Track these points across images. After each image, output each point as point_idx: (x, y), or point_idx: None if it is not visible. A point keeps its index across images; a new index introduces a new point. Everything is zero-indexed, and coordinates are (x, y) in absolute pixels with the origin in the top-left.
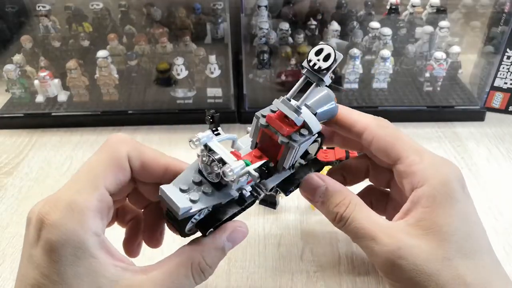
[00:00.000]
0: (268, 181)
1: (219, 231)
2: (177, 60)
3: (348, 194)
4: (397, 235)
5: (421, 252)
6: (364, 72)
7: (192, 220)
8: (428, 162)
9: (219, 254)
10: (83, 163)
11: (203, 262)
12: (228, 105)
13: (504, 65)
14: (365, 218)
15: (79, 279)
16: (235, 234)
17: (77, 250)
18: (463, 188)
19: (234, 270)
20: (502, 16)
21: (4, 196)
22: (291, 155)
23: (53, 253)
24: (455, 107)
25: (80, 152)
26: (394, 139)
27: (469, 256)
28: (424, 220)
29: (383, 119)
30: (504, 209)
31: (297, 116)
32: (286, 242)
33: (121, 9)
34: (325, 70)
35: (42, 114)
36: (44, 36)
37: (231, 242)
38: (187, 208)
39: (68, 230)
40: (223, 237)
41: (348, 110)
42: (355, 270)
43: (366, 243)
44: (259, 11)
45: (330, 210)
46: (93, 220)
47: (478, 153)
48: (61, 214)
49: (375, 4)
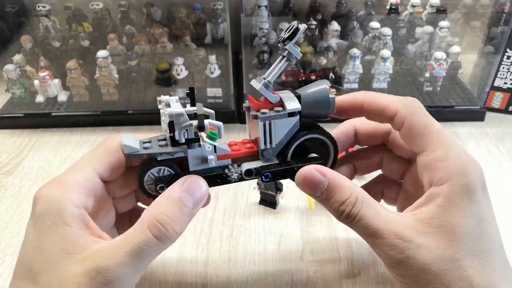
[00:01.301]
0: (245, 164)
1: (173, 184)
2: (177, 60)
3: (354, 190)
4: (406, 233)
5: (429, 252)
6: (364, 72)
7: (149, 174)
8: (453, 160)
9: (175, 203)
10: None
11: (157, 212)
12: (228, 105)
13: (504, 65)
14: (374, 215)
15: (53, 244)
16: (189, 183)
17: (55, 217)
18: (483, 189)
19: (234, 270)
20: (502, 16)
21: (4, 196)
22: (262, 131)
23: (37, 221)
24: (455, 107)
25: (80, 152)
26: (423, 128)
27: (479, 257)
28: (436, 218)
29: (414, 100)
30: (504, 209)
31: (265, 89)
32: (286, 242)
33: (121, 9)
34: (288, 39)
35: (42, 114)
36: (44, 36)
37: (187, 193)
38: (133, 148)
39: (51, 200)
40: (176, 187)
41: (376, 94)
42: (355, 270)
43: (374, 240)
44: (259, 11)
45: (335, 208)
46: (76, 194)
47: (478, 153)
48: (50, 189)
49: (375, 4)
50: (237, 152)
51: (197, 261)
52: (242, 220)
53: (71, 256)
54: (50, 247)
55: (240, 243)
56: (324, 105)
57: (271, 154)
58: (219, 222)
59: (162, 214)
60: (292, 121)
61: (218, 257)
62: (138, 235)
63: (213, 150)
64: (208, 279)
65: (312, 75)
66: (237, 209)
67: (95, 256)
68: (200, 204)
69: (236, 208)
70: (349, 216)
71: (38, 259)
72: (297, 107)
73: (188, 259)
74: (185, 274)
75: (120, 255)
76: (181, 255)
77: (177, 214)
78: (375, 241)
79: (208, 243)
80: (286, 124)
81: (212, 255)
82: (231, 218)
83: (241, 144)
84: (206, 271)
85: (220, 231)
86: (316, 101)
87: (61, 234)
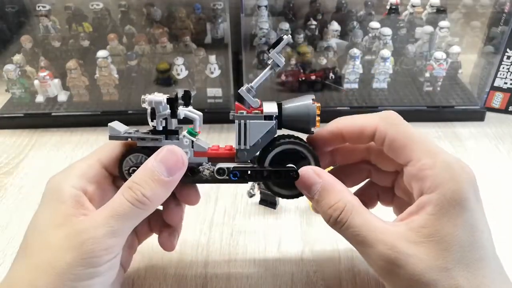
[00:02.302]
0: (220, 164)
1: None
2: (177, 60)
3: (344, 195)
4: (396, 242)
5: (419, 262)
6: (364, 72)
7: (128, 159)
8: (440, 167)
9: (147, 172)
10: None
11: (131, 181)
12: (228, 105)
13: (504, 65)
14: (362, 224)
15: (45, 218)
16: (163, 154)
17: (53, 195)
18: (475, 195)
19: (234, 270)
20: (502, 16)
21: (4, 196)
22: (237, 131)
23: (43, 199)
24: (455, 107)
25: (80, 152)
26: (405, 139)
27: (470, 266)
28: (427, 227)
29: (391, 114)
30: (504, 209)
31: (246, 93)
32: (286, 242)
33: (121, 9)
34: (271, 47)
35: (42, 114)
36: (44, 36)
37: (162, 162)
38: (116, 131)
39: (54, 182)
40: (151, 158)
41: (351, 118)
42: (355, 270)
43: (363, 250)
44: (259, 11)
45: (325, 211)
46: (76, 177)
47: (478, 153)
48: (57, 174)
49: (375, 4)
50: (214, 151)
51: (197, 261)
52: (242, 220)
53: (59, 227)
54: (42, 220)
55: (240, 243)
56: (304, 118)
57: (246, 156)
58: (219, 222)
59: (133, 182)
60: (268, 124)
61: (218, 257)
62: (114, 201)
63: (190, 145)
64: (208, 279)
65: (312, 75)
66: (237, 209)
67: (77, 223)
68: (176, 173)
69: (236, 208)
70: (337, 222)
71: (31, 232)
72: (273, 110)
73: (188, 259)
74: (185, 274)
75: (97, 218)
76: (181, 255)
77: (147, 181)
78: (364, 250)
79: (208, 243)
80: (262, 126)
81: (212, 255)
82: (231, 218)
83: (223, 148)
84: (206, 271)
85: (220, 231)
86: (297, 112)
87: (54, 209)
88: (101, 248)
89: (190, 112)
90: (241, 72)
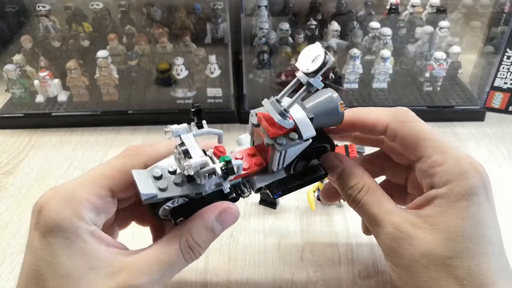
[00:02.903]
0: (257, 181)
1: (208, 210)
2: (177, 60)
3: (363, 178)
4: (402, 224)
5: (421, 245)
6: (364, 72)
7: (165, 206)
8: (450, 164)
9: (207, 233)
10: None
11: (191, 239)
12: (228, 105)
13: (504, 65)
14: (375, 203)
15: (73, 260)
16: (225, 214)
17: (70, 235)
18: (485, 192)
19: (234, 270)
20: (502, 16)
21: (4, 196)
22: (277, 159)
23: (48, 235)
24: (455, 107)
25: (80, 152)
26: (416, 135)
27: (474, 258)
28: (434, 217)
29: (403, 110)
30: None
31: (282, 119)
32: (286, 242)
33: (121, 9)
34: (313, 73)
35: (42, 114)
36: (44, 36)
37: (220, 223)
38: (151, 195)
39: (62, 216)
40: (212, 216)
41: (365, 112)
42: (355, 270)
43: (374, 228)
44: (259, 11)
45: (345, 191)
46: (87, 211)
47: (478, 153)
48: (59, 202)
49: (375, 4)
50: (248, 171)
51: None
52: (242, 220)
53: (96, 271)
54: (69, 263)
55: (240, 243)
56: (333, 125)
57: (279, 173)
58: None
59: (195, 242)
60: (306, 144)
61: (218, 257)
62: (171, 255)
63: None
64: (208, 279)
65: None
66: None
67: (126, 271)
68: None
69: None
70: (354, 200)
71: (53, 274)
72: (312, 134)
73: None
74: (185, 274)
75: (153, 272)
76: None
77: (207, 242)
78: (375, 228)
79: None
80: (300, 147)
81: (212, 255)
82: None
83: (247, 156)
84: (206, 271)
85: None
86: (327, 122)
87: (81, 251)
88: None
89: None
90: (241, 72)
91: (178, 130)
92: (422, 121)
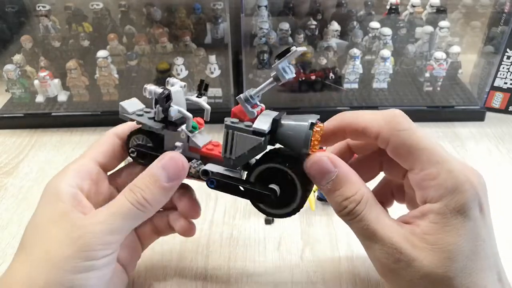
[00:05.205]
0: (209, 165)
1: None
2: (177, 60)
3: (361, 187)
4: (402, 244)
5: (421, 267)
6: (364, 72)
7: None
8: (443, 178)
9: (149, 176)
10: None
11: (133, 184)
12: (228, 105)
13: (504, 65)
14: (374, 219)
15: (44, 216)
16: (166, 161)
17: (52, 194)
18: (480, 205)
19: (234, 270)
20: (502, 16)
21: (4, 196)
22: (225, 139)
23: (40, 200)
24: (455, 107)
25: (80, 152)
26: (409, 146)
27: (471, 275)
28: (431, 235)
29: (396, 117)
30: (504, 209)
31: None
32: (286, 242)
33: (121, 9)
34: (277, 57)
35: (42, 114)
36: (44, 36)
37: (163, 169)
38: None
39: (51, 184)
40: (155, 162)
41: (355, 116)
42: (355, 270)
43: (370, 244)
44: (259, 11)
45: (338, 202)
46: (71, 177)
47: (478, 153)
48: (54, 177)
49: (375, 4)
50: (207, 150)
51: (197, 261)
52: (242, 220)
53: (57, 223)
54: (41, 218)
55: (240, 243)
56: (296, 140)
57: (231, 165)
58: (219, 222)
59: (135, 185)
60: (255, 140)
61: (218, 257)
62: (115, 201)
63: (186, 139)
64: (208, 279)
65: (312, 75)
66: (237, 209)
67: (76, 219)
68: (176, 180)
69: (236, 208)
70: (351, 213)
71: (30, 229)
72: (263, 128)
73: (188, 259)
74: (185, 274)
75: (97, 215)
76: (181, 255)
77: (148, 185)
78: (371, 245)
79: (208, 243)
80: (249, 141)
81: (212, 255)
82: (231, 218)
83: (216, 146)
84: (206, 271)
85: (220, 231)
86: (290, 132)
87: (53, 207)
88: (99, 242)
89: (183, 110)
90: (241, 72)
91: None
92: (416, 128)
